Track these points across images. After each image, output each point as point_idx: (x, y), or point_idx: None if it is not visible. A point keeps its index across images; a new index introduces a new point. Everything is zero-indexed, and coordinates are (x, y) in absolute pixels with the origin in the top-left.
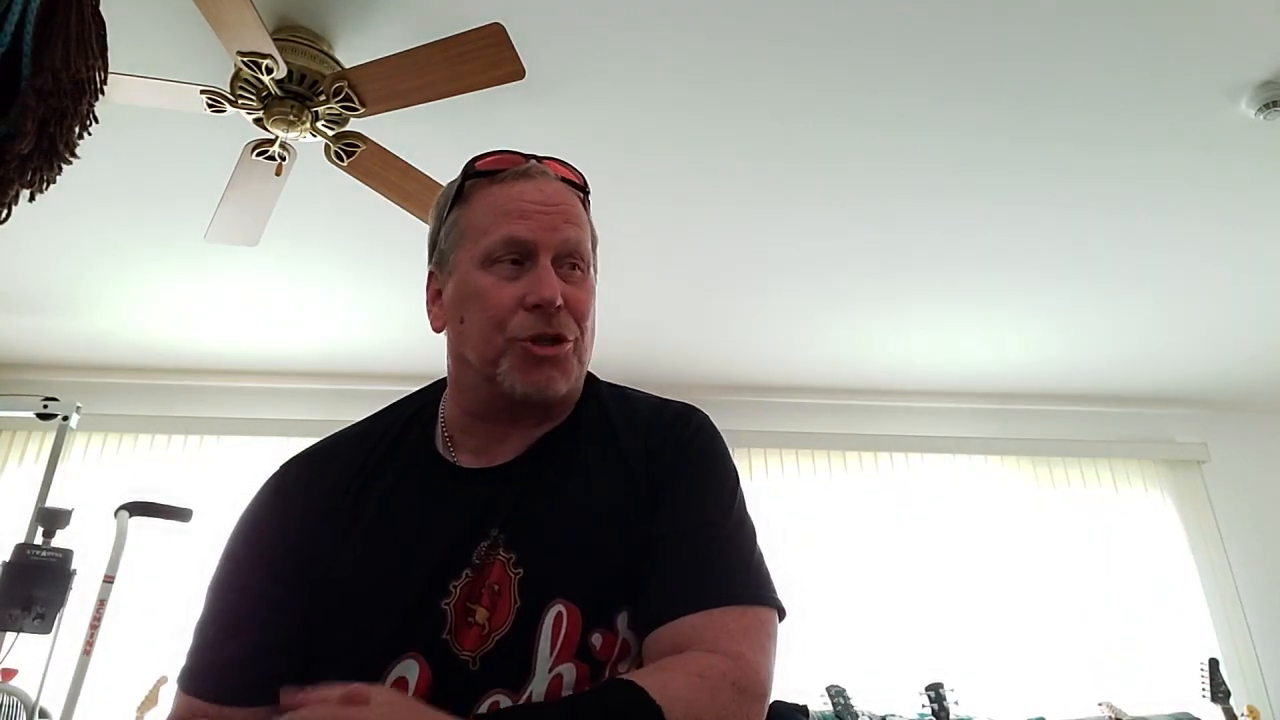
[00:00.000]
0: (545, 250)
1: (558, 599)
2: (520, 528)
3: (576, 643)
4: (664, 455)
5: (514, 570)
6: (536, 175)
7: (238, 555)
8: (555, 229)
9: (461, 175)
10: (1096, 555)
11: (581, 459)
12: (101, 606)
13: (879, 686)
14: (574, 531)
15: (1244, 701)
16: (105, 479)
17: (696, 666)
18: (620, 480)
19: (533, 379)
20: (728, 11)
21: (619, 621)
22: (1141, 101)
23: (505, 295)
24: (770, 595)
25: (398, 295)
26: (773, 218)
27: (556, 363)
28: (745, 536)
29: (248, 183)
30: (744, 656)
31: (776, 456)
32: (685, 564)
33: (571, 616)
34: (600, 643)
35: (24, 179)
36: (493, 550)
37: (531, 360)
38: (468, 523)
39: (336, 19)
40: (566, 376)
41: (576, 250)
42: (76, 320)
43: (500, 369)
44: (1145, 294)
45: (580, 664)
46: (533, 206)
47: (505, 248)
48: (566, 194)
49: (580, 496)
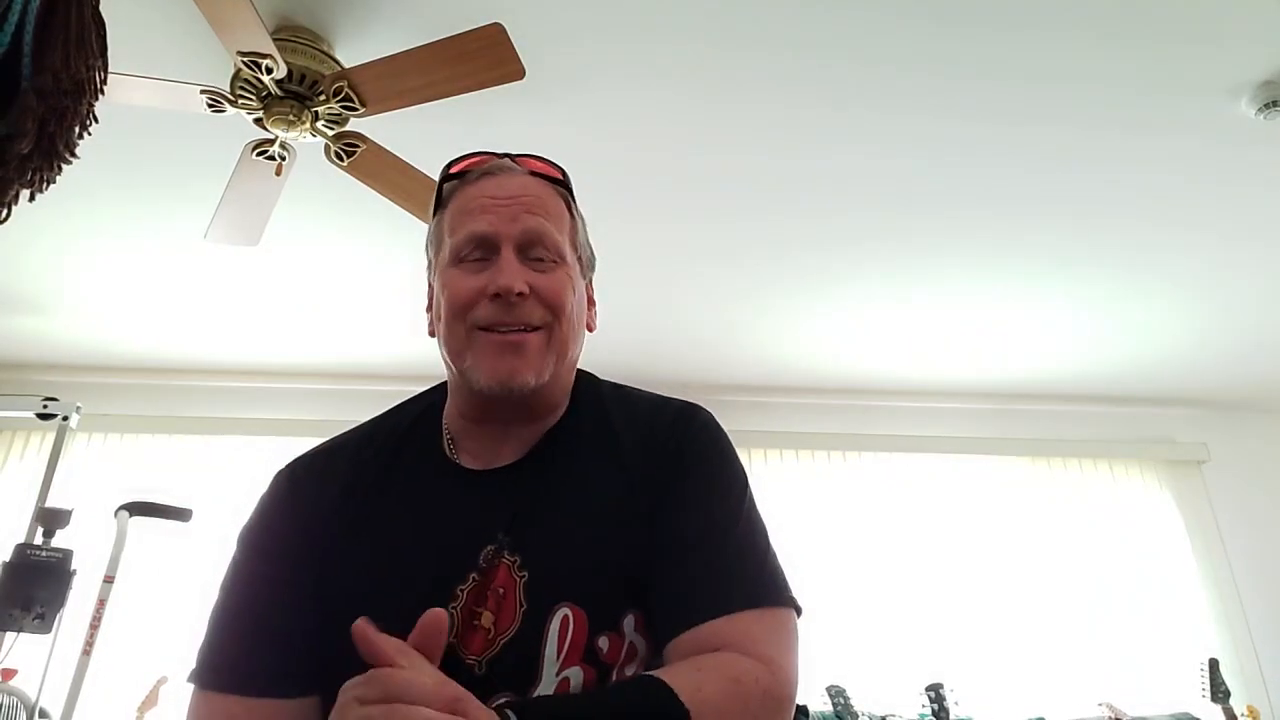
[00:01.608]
0: (506, 241)
1: (564, 603)
2: (523, 531)
3: (583, 646)
4: (667, 454)
5: (519, 574)
6: (499, 171)
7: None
8: (515, 219)
9: (439, 180)
10: (1096, 555)
11: (581, 460)
12: (101, 606)
13: (879, 686)
14: (578, 534)
15: (1244, 701)
16: (105, 479)
17: (732, 671)
18: (620, 481)
19: (495, 370)
20: (727, 12)
21: (625, 624)
22: (1141, 101)
23: (468, 287)
24: (789, 594)
25: (399, 295)
26: (773, 218)
27: (519, 351)
28: (759, 536)
29: (248, 183)
30: (775, 661)
31: (777, 456)
32: (705, 568)
33: (578, 620)
34: (607, 646)
35: (24, 179)
36: (498, 554)
37: (493, 349)
38: (473, 526)
39: (336, 19)
40: (533, 368)
41: (541, 240)
42: (76, 320)
43: (466, 363)
44: (1145, 294)
45: (587, 667)
46: (493, 201)
47: (469, 244)
48: (533, 185)
49: (581, 499)
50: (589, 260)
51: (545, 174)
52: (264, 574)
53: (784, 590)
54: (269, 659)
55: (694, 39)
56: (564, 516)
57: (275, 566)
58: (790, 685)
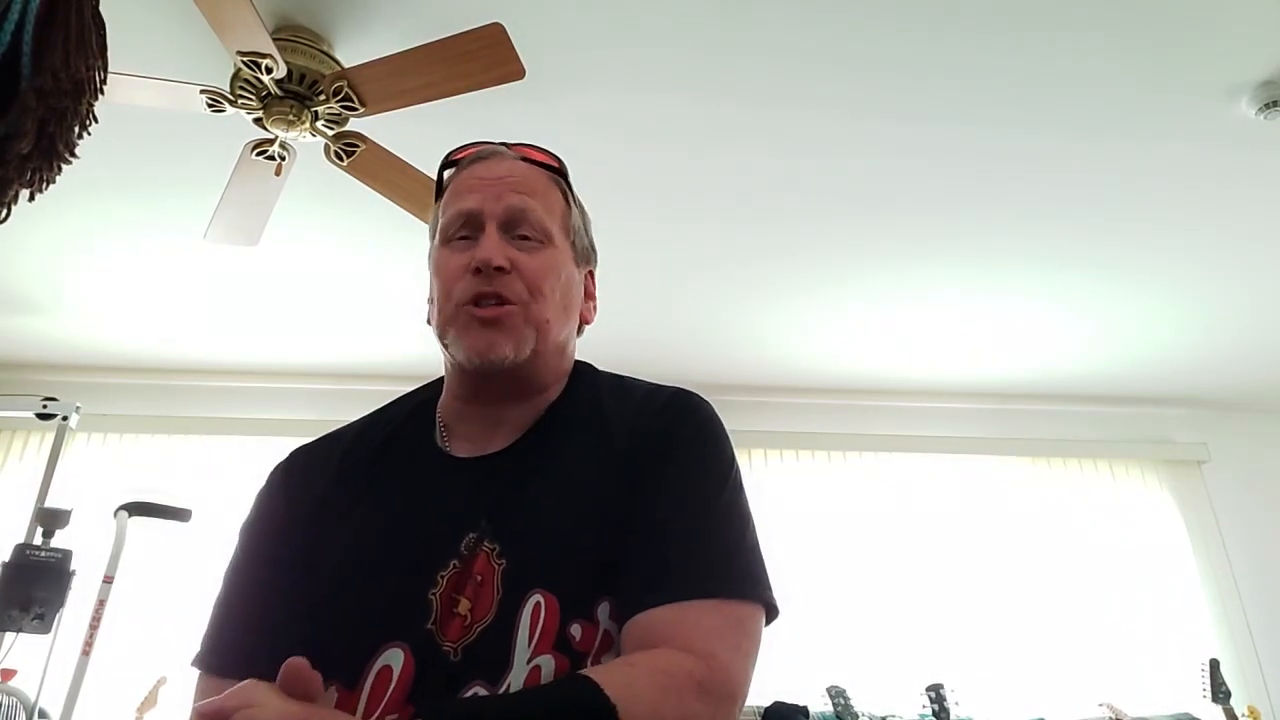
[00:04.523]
0: (490, 218)
1: (537, 589)
2: (504, 519)
3: (555, 633)
4: (651, 437)
5: (497, 561)
6: (490, 156)
7: (252, 534)
8: (500, 198)
9: (439, 170)
10: (1096, 555)
11: (569, 446)
12: (101, 606)
13: (879, 686)
14: (556, 519)
15: (1244, 701)
16: (105, 479)
17: (663, 664)
18: (605, 467)
19: (474, 343)
20: (725, 18)
21: (599, 612)
22: (1141, 101)
23: (454, 263)
24: (754, 590)
25: (398, 295)
26: (775, 218)
27: (499, 325)
28: (735, 525)
29: (248, 183)
30: (716, 657)
31: (777, 456)
32: (664, 551)
33: (550, 606)
34: (580, 634)
35: (24, 179)
36: (479, 542)
37: (474, 323)
38: (455, 514)
39: (336, 19)
40: (511, 341)
41: (526, 219)
42: (76, 320)
43: (449, 337)
44: (1145, 294)
45: (560, 655)
46: (480, 181)
47: (456, 222)
48: (522, 168)
49: (564, 484)
50: (585, 250)
51: (538, 160)
52: (258, 562)
53: (748, 585)
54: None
55: (694, 43)
56: (544, 502)
57: (269, 554)
58: (732, 683)
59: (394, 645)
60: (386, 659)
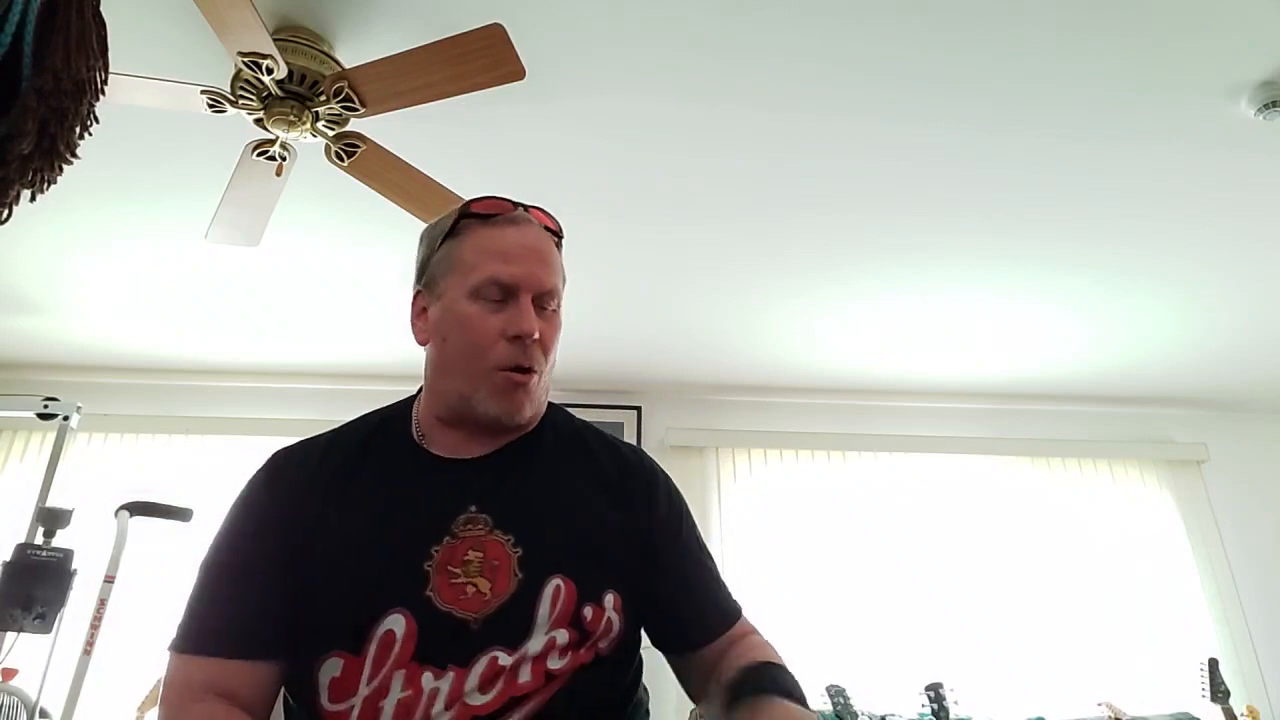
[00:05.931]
0: (526, 290)
1: (557, 574)
2: (504, 510)
3: (571, 613)
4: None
5: (513, 550)
6: (523, 223)
7: (236, 528)
8: (534, 274)
9: (458, 213)
10: (1096, 555)
11: (553, 456)
12: (102, 606)
13: (879, 686)
14: (563, 516)
15: (1244, 701)
16: (105, 479)
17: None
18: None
19: (505, 405)
20: (724, 20)
21: (606, 600)
22: (1141, 101)
23: (489, 326)
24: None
25: (398, 295)
26: (774, 218)
27: (527, 390)
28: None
29: (248, 183)
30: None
31: (777, 456)
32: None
33: (568, 590)
34: (590, 615)
35: (25, 179)
36: (471, 524)
37: (509, 387)
38: (446, 497)
39: (337, 19)
40: (532, 403)
41: (551, 292)
42: (76, 320)
43: (479, 393)
44: (1144, 294)
45: (572, 630)
46: (518, 251)
47: (492, 285)
48: (546, 241)
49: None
50: None
51: (551, 229)
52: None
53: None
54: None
55: (694, 45)
56: (545, 500)
57: (251, 541)
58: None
59: (395, 612)
60: (389, 624)
